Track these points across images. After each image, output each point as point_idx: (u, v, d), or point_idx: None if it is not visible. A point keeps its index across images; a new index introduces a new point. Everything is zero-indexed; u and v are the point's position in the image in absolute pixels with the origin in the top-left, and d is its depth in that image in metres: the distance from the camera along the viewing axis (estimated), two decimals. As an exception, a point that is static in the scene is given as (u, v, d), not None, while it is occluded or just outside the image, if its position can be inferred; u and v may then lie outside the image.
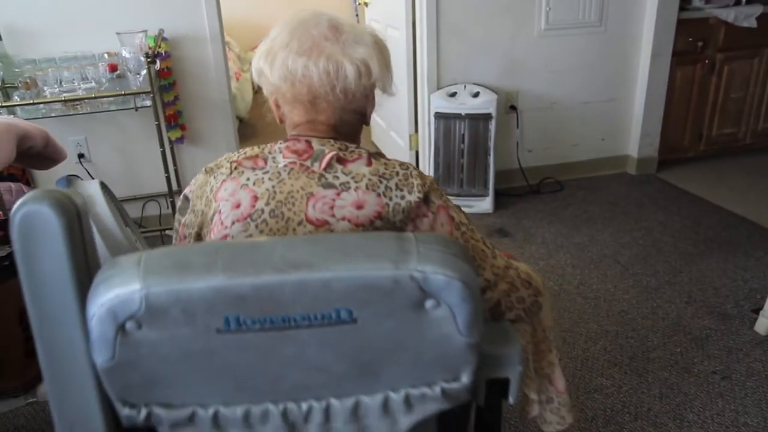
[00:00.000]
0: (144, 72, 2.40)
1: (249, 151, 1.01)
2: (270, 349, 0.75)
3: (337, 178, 0.93)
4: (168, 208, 2.74)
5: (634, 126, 3.54)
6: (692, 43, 3.38)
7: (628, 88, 3.47)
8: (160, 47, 2.61)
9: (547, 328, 1.20)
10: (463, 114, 3.01)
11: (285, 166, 0.96)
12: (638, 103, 3.48)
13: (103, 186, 2.13)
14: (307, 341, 0.74)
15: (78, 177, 2.08)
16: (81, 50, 2.60)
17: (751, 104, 3.65)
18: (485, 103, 2.99)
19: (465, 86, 3.10)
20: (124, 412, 0.79)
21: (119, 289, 0.69)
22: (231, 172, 0.98)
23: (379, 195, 0.92)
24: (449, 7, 3.03)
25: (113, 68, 2.56)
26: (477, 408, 1.00)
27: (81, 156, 2.83)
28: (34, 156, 1.17)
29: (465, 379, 0.80)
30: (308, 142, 0.97)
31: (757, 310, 2.18)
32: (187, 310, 0.70)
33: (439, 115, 3.04)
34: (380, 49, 1.02)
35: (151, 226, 2.98)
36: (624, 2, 3.26)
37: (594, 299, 2.36)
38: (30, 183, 2.90)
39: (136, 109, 2.50)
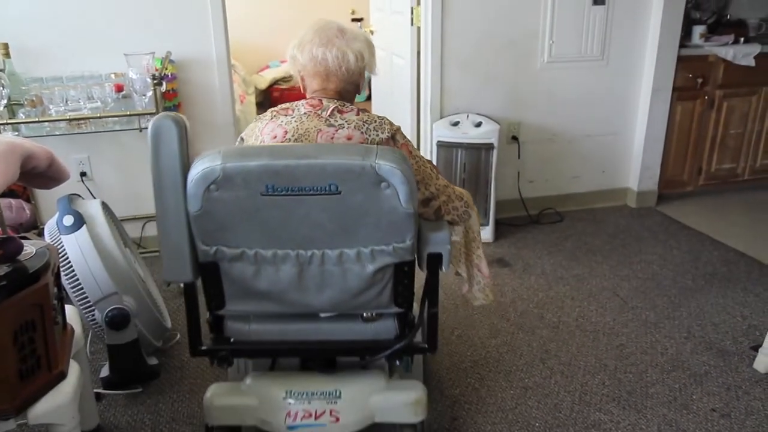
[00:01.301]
0: (150, 93, 2.42)
1: (283, 105, 1.55)
2: (290, 209, 1.25)
3: (336, 121, 1.46)
4: (168, 228, 2.74)
5: (634, 159, 3.56)
6: (692, 79, 3.42)
7: (628, 121, 3.50)
8: (166, 69, 2.64)
9: (476, 232, 1.71)
10: (465, 143, 3.03)
11: (305, 113, 1.49)
12: (639, 137, 3.51)
13: (104, 206, 2.14)
14: (312, 205, 1.24)
15: (79, 196, 2.09)
16: (88, 70, 2.63)
17: (749, 140, 3.68)
18: (487, 133, 3.01)
19: (468, 116, 3.12)
20: (202, 248, 1.31)
21: (209, 163, 1.20)
22: (272, 118, 1.51)
23: (362, 132, 1.45)
24: (454, 39, 3.07)
25: (119, 89, 2.58)
26: (425, 281, 1.46)
27: (83, 174, 2.83)
28: (37, 175, 1.17)
29: (408, 241, 1.30)
30: (320, 101, 1.51)
31: (756, 347, 2.17)
32: (245, 179, 1.21)
33: (441, 144, 3.06)
34: (369, 44, 1.57)
35: (150, 247, 2.97)
36: (625, 38, 3.31)
37: (593, 332, 2.34)
38: (30, 199, 2.90)
39: (141, 130, 2.51)
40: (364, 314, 1.49)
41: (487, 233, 3.13)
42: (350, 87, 1.56)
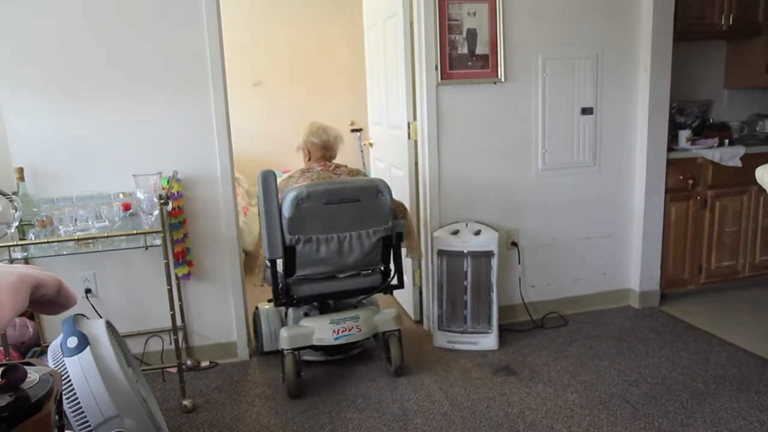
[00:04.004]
0: (156, 212, 2.49)
1: (302, 168, 2.95)
2: (336, 210, 2.56)
3: (337, 171, 2.88)
4: (170, 344, 2.71)
5: (633, 260, 3.59)
6: (683, 180, 3.53)
7: (625, 223, 3.57)
8: (173, 188, 2.73)
9: (412, 222, 2.95)
10: (465, 251, 3.08)
11: (320, 169, 2.87)
12: (636, 238, 3.56)
13: (109, 325, 2.14)
14: (346, 207, 2.58)
15: (84, 316, 2.09)
16: (98, 190, 2.71)
17: (746, 238, 3.73)
18: (487, 241, 3.06)
19: (467, 224, 3.19)
20: (288, 237, 2.55)
21: (299, 190, 2.53)
22: (300, 175, 2.85)
23: (352, 176, 2.85)
24: (450, 151, 3.20)
25: (127, 207, 2.65)
26: (394, 249, 2.80)
27: (88, 291, 2.85)
28: (45, 303, 1.20)
29: (390, 224, 2.67)
30: (325, 163, 2.93)
31: (777, 457, 2.09)
32: (317, 196, 2.53)
33: (442, 253, 3.10)
34: (340, 134, 3.08)
35: (153, 363, 2.94)
36: (615, 144, 3.45)
37: (606, 443, 2.27)
38: (34, 317, 2.90)
39: (147, 248, 2.56)
40: (363, 272, 2.77)
41: (491, 341, 3.10)
42: (335, 154, 3.00)
